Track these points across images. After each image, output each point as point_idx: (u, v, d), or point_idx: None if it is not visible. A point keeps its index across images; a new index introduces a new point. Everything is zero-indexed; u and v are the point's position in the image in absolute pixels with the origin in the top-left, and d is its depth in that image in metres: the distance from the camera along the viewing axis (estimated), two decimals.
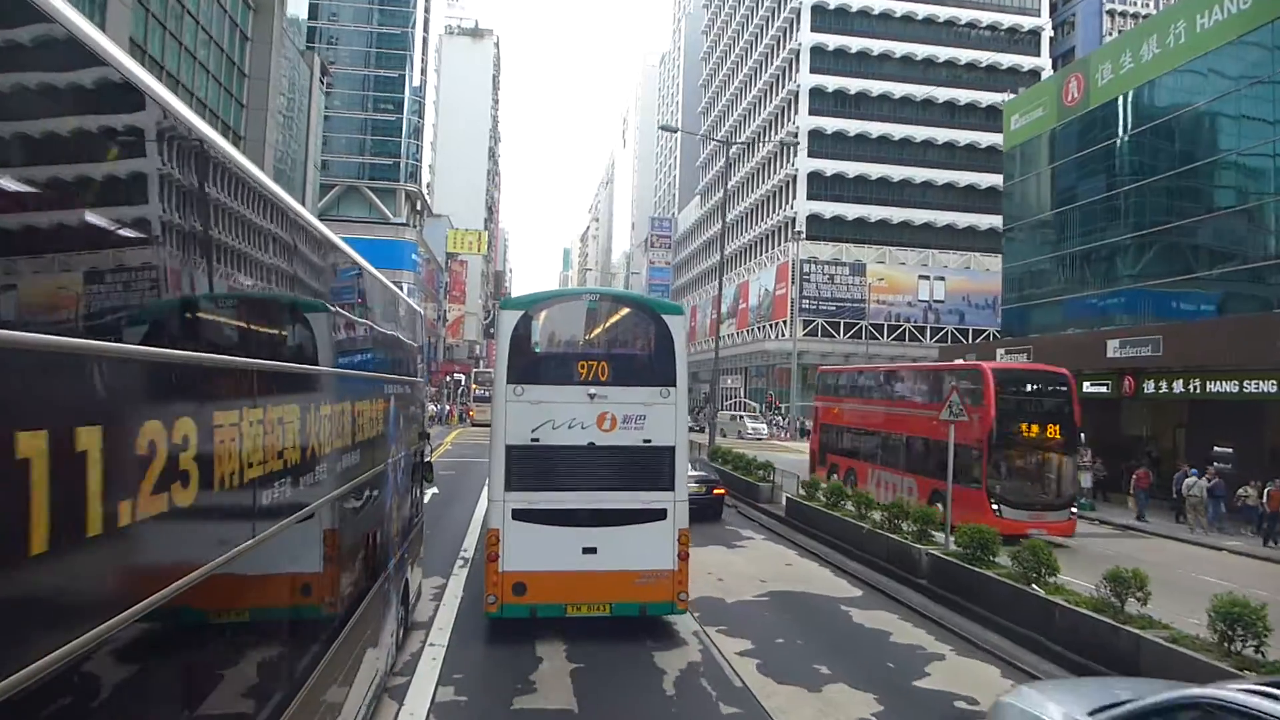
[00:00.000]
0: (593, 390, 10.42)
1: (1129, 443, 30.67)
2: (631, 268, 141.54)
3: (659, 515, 10.48)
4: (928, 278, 70.84)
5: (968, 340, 70.51)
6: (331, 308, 5.62)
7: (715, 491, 20.43)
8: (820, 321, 69.07)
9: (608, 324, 11.47)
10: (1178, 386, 25.82)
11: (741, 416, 61.52)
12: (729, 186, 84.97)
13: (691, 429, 54.22)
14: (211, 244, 3.34)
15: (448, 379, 71.60)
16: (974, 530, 12.98)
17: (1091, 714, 6.08)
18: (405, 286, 50.26)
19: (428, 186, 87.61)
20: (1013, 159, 40.10)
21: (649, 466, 10.51)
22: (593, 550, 10.25)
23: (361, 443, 6.49)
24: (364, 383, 6.85)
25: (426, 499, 13.66)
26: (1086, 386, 32.42)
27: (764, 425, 60.80)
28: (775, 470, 23.46)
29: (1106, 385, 30.66)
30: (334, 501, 5.55)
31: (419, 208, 75.83)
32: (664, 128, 43.33)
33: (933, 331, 70.70)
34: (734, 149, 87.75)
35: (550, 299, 12.02)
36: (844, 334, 69.41)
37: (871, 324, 67.61)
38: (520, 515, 10.21)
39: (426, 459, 11.83)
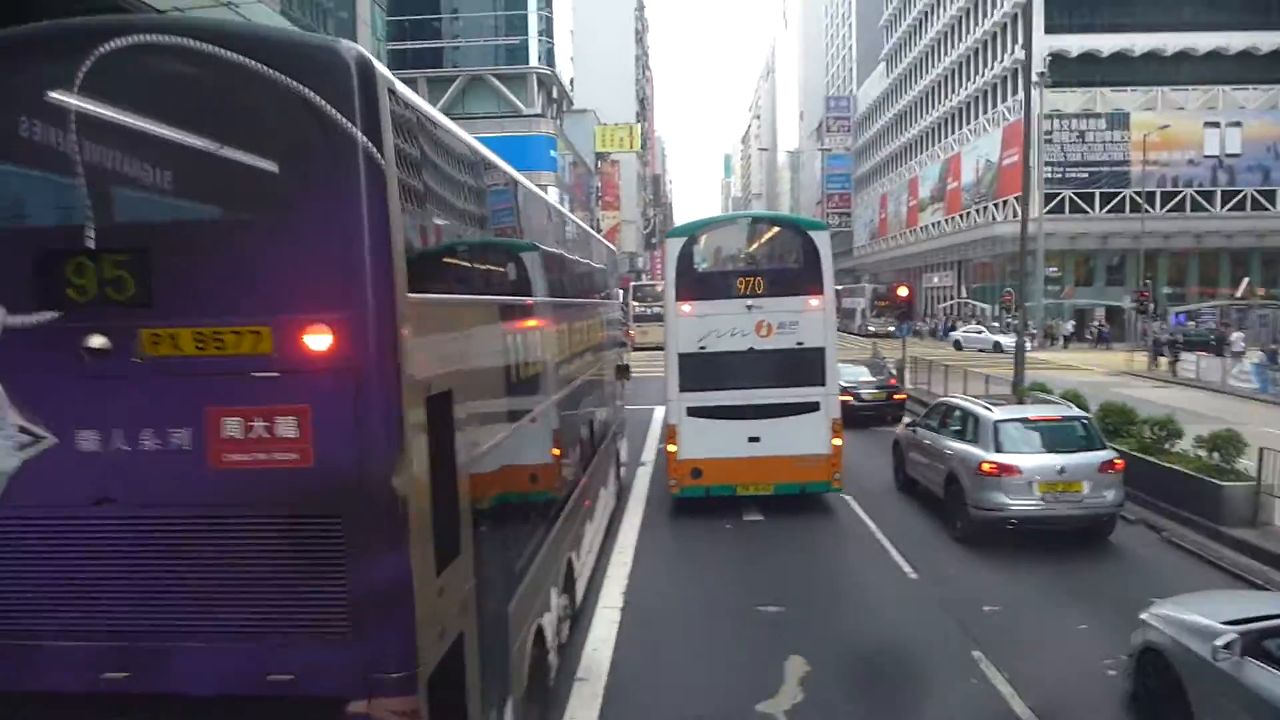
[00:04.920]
0: (750, 302, 12.27)
1: None
2: (803, 159, 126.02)
3: (813, 407, 12.19)
4: (1217, 124, 53.02)
5: (1275, 205, 52.71)
6: (600, 266, 12.45)
7: (895, 397, 20.93)
8: (1067, 194, 53.35)
9: (760, 243, 14.20)
10: None
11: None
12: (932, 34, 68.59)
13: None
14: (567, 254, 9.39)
15: None
16: None
17: (1229, 623, 5.90)
18: (547, 189, 40.38)
19: (570, 81, 76.70)
20: None
21: (802, 366, 12.19)
22: (756, 439, 12.12)
23: (612, 337, 13.79)
24: (609, 308, 13.77)
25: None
26: None
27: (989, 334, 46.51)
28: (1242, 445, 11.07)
29: None
30: (612, 363, 13.42)
31: (555, 96, 64.84)
32: None
33: (1224, 197, 53.21)
34: None
35: (709, 225, 15.50)
36: (1100, 207, 53.45)
37: (1137, 192, 51.21)
38: (693, 411, 12.27)
39: (625, 362, 15.62)
